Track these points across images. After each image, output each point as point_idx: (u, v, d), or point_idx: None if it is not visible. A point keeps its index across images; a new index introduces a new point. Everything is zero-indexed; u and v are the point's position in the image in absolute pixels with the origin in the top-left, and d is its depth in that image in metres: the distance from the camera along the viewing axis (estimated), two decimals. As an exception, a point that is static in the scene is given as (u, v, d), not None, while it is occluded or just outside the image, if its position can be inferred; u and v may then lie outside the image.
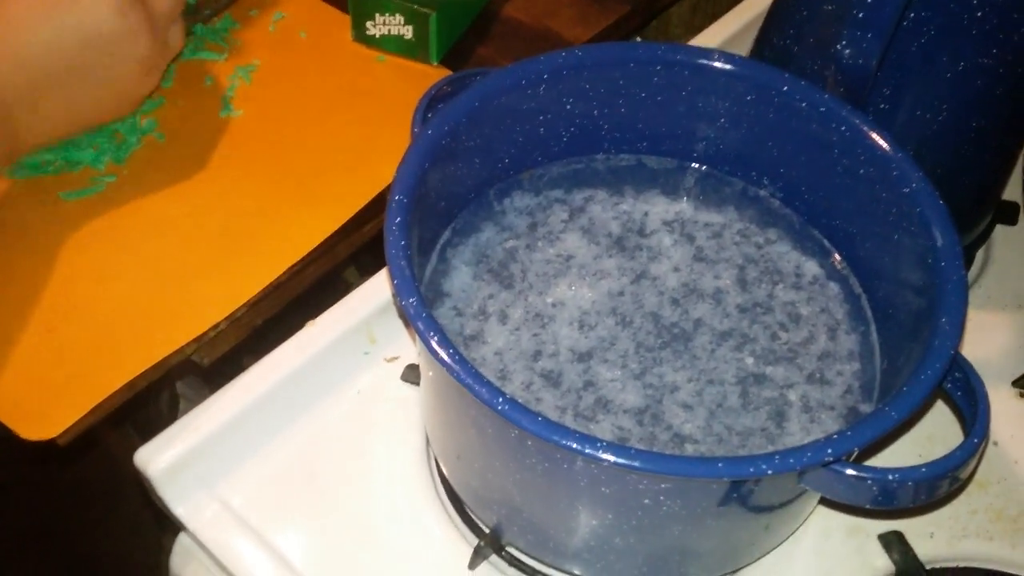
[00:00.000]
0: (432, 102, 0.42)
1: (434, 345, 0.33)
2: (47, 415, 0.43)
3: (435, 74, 0.59)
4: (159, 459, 0.43)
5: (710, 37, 0.62)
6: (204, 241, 0.50)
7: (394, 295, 0.35)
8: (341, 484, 0.45)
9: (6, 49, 0.45)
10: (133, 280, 0.48)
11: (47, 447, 0.43)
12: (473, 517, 0.45)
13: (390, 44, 0.59)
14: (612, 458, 0.31)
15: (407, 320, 0.35)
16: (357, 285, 0.49)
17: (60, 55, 0.46)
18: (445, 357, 0.33)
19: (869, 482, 0.34)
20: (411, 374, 0.48)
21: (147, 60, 0.49)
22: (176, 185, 0.52)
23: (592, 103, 0.45)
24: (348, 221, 0.51)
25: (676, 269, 0.44)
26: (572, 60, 0.43)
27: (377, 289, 0.49)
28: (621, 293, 0.43)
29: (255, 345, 0.48)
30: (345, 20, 0.60)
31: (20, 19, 0.46)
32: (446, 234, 0.44)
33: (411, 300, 0.34)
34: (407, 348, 0.50)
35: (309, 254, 0.50)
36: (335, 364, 0.47)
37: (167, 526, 0.46)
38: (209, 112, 0.56)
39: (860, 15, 0.40)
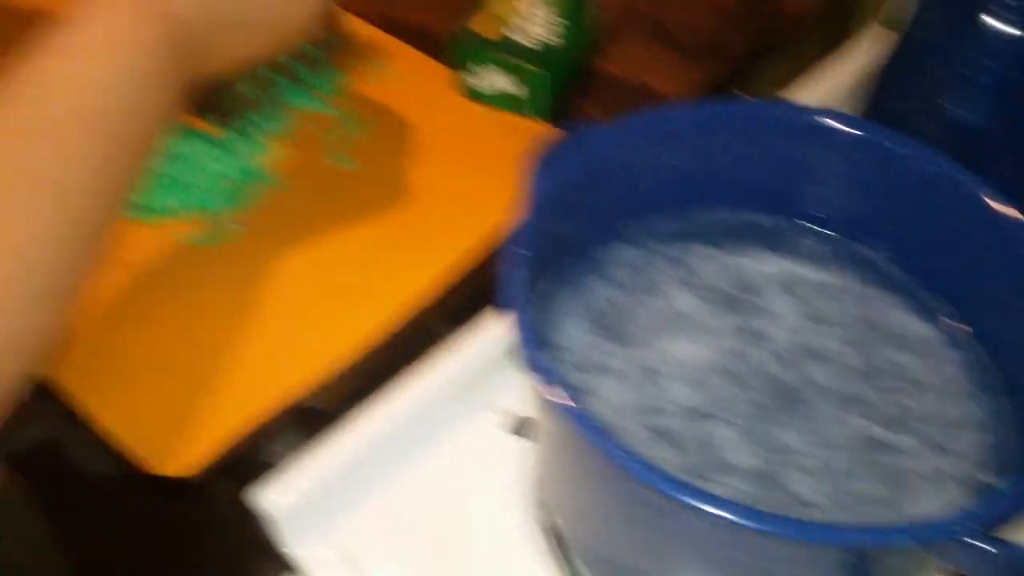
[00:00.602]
0: (543, 156, 0.43)
1: (566, 406, 0.34)
2: (179, 452, 0.46)
3: (539, 128, 0.59)
4: (276, 498, 0.44)
5: (801, 92, 0.61)
6: (322, 289, 0.52)
7: (513, 349, 0.36)
8: (449, 535, 0.46)
9: None
10: (259, 324, 0.50)
11: (163, 483, 0.45)
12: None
13: (498, 100, 0.60)
14: (775, 529, 0.31)
15: (523, 374, 0.36)
16: (445, 335, 0.50)
17: None
18: (580, 426, 0.33)
19: (999, 556, 0.33)
20: (522, 427, 0.48)
21: None
22: (297, 233, 0.54)
23: (702, 159, 0.45)
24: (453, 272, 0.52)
25: (789, 329, 0.44)
26: (687, 117, 0.44)
27: (489, 339, 0.49)
28: (732, 351, 0.43)
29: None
30: (451, 74, 0.61)
31: None
32: (550, 285, 0.44)
33: (538, 358, 0.35)
34: (519, 401, 0.50)
35: (426, 302, 0.51)
36: (445, 413, 0.48)
37: (268, 567, 0.47)
38: (323, 162, 0.57)
39: (975, 77, 0.40)
